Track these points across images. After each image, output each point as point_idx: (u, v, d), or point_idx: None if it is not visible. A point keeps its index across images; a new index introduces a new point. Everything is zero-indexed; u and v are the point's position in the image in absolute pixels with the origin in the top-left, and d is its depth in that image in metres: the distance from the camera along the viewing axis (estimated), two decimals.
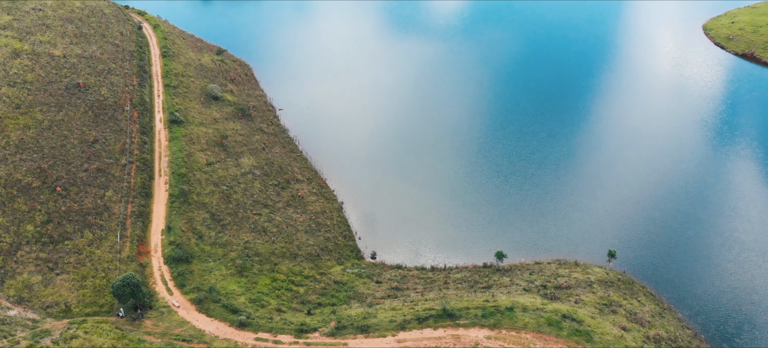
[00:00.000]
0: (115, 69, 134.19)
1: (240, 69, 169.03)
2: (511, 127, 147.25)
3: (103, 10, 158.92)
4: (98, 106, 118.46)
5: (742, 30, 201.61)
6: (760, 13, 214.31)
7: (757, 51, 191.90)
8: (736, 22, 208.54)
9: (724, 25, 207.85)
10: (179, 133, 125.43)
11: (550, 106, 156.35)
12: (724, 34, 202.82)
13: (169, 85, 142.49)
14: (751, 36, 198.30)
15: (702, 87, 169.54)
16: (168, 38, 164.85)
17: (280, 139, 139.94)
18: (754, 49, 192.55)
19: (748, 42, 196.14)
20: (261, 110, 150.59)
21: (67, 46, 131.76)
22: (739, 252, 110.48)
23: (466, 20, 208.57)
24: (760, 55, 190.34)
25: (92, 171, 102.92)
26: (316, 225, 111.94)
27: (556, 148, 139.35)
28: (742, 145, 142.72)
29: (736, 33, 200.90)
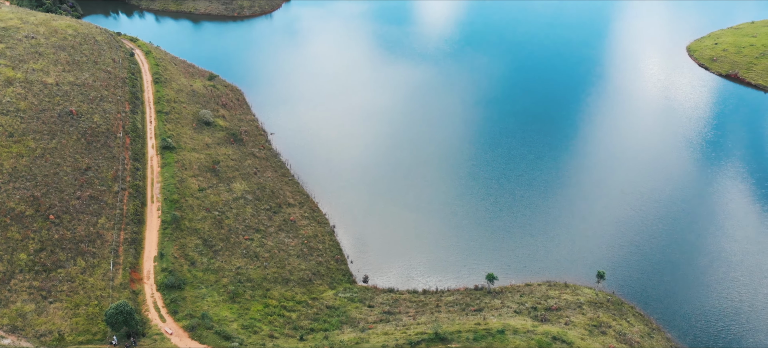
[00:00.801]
0: (107, 96, 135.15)
1: (232, 94, 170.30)
2: (499, 149, 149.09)
3: (95, 38, 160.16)
4: (91, 133, 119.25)
5: (726, 51, 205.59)
6: (743, 35, 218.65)
7: (741, 72, 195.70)
8: (719, 43, 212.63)
9: (708, 47, 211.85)
10: (171, 159, 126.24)
11: (537, 128, 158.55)
12: (707, 55, 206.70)
13: (162, 111, 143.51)
14: (734, 57, 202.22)
15: (687, 108, 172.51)
16: (160, 64, 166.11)
17: (272, 164, 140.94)
18: (738, 70, 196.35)
19: (732, 63, 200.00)
20: (253, 135, 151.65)
21: (60, 74, 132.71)
22: (726, 272, 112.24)
23: (455, 44, 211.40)
24: (744, 75, 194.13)
25: (85, 198, 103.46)
26: (308, 249, 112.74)
27: (544, 170, 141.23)
28: (728, 166, 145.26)
29: (719, 54, 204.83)
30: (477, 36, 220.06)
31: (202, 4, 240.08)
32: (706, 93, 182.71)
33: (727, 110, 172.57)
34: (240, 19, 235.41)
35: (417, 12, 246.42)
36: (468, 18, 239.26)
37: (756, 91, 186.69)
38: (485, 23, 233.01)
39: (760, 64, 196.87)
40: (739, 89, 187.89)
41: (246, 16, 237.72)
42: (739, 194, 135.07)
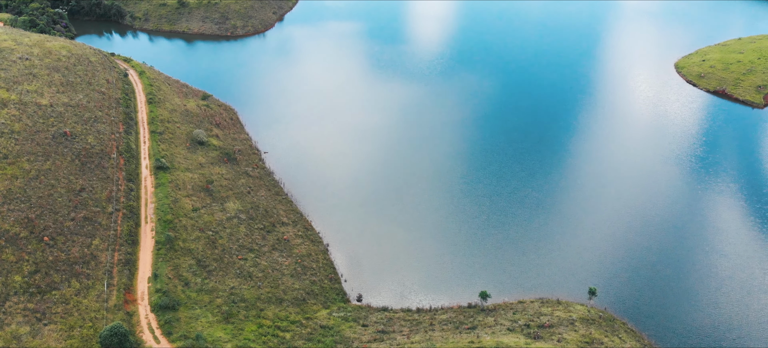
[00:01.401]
0: (101, 117, 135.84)
1: (225, 113, 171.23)
2: (491, 167, 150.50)
3: (89, 58, 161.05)
4: (85, 154, 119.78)
5: (713, 68, 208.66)
6: (730, 51, 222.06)
7: (728, 88, 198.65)
8: (706, 60, 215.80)
9: (696, 63, 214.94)
10: (165, 179, 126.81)
11: (528, 146, 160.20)
12: (695, 71, 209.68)
13: (155, 131, 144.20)
14: (722, 73, 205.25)
15: (676, 124, 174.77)
16: (154, 84, 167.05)
17: (266, 182, 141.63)
18: (725, 86, 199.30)
19: (719, 79, 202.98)
20: (246, 154, 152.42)
21: (54, 95, 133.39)
22: (717, 287, 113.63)
23: (446, 63, 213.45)
24: (731, 91, 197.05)
25: (79, 220, 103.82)
26: (302, 268, 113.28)
27: (536, 187, 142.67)
28: (717, 181, 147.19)
29: (707, 71, 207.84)
30: (468, 54, 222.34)
31: (196, 24, 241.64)
32: (695, 109, 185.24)
33: (716, 126, 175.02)
34: (233, 39, 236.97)
35: (408, 31, 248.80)
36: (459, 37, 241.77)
37: (744, 107, 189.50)
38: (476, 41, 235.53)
39: (747, 80, 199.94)
40: (727, 105, 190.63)
41: (239, 35, 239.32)
42: (729, 210, 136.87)
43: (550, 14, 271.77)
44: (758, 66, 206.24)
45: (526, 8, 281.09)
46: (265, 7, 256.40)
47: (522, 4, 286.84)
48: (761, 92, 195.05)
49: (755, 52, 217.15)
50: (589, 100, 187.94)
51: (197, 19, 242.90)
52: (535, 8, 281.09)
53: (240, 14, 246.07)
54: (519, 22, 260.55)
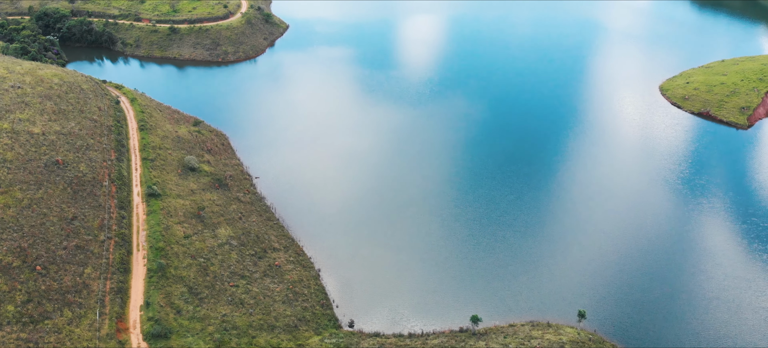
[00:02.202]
0: (93, 144, 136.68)
1: (216, 139, 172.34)
2: (480, 190, 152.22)
3: (81, 86, 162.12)
4: (77, 182, 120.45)
5: (697, 90, 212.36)
6: (714, 73, 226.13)
7: (712, 109, 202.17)
8: (690, 82, 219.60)
9: (680, 86, 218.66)
10: (157, 206, 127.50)
11: (516, 169, 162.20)
12: (680, 94, 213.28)
13: (147, 158, 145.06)
14: (706, 95, 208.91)
15: (662, 146, 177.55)
16: (145, 111, 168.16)
17: (257, 208, 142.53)
18: (709, 108, 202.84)
19: (703, 101, 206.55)
20: (237, 179, 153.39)
21: (46, 123, 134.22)
22: (704, 308, 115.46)
23: (435, 87, 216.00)
24: (716, 113, 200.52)
25: (71, 248, 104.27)
26: (294, 294, 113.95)
27: (524, 210, 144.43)
28: (704, 203, 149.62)
29: (691, 93, 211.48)
30: (456, 79, 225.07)
31: (187, 50, 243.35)
32: (680, 131, 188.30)
33: (702, 148, 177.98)
34: (224, 65, 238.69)
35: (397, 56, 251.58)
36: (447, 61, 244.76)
37: (728, 128, 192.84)
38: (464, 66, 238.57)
39: (730, 102, 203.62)
40: (712, 127, 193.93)
41: (230, 61, 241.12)
42: (715, 231, 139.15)
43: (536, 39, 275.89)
44: (741, 88, 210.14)
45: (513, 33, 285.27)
46: (256, 33, 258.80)
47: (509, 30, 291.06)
48: (745, 113, 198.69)
49: (738, 73, 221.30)
50: (576, 123, 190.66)
51: (188, 45, 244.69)
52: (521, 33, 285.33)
53: (231, 40, 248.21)
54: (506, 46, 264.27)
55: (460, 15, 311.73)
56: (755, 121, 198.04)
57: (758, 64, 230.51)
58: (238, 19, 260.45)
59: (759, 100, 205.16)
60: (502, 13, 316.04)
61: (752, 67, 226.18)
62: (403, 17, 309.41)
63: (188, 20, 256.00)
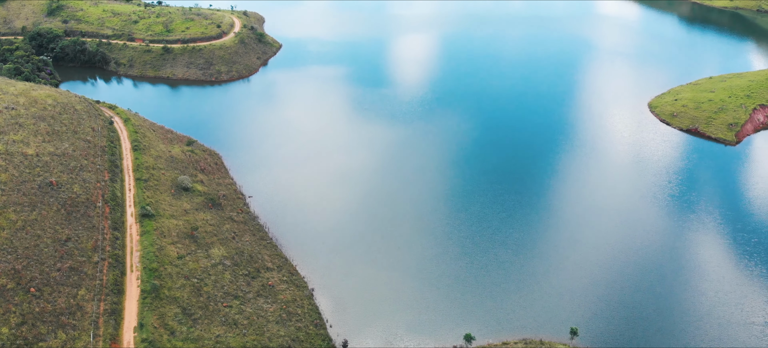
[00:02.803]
0: (87, 165, 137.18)
1: (210, 158, 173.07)
2: (472, 208, 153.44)
3: (74, 106, 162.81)
4: (71, 203, 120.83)
5: (685, 107, 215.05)
6: (701, 90, 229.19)
7: (701, 126, 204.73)
8: (679, 99, 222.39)
9: (668, 103, 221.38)
10: (150, 226, 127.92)
11: (508, 186, 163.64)
12: (668, 111, 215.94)
13: (140, 178, 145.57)
14: (694, 112, 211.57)
15: (652, 163, 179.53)
16: (139, 131, 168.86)
17: (250, 227, 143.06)
18: (698, 125, 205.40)
19: (692, 118, 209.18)
20: (231, 199, 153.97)
21: (40, 145, 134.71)
22: (696, 325, 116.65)
23: (427, 105, 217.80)
24: (704, 129, 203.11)
25: (65, 270, 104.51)
26: (287, 314, 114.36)
27: (516, 227, 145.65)
28: (694, 219, 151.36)
29: (679, 110, 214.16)
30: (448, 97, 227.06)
31: (180, 70, 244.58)
32: (669, 148, 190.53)
33: (691, 164, 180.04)
34: (217, 84, 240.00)
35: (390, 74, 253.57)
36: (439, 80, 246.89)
37: (717, 144, 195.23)
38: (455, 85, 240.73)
39: (718, 119, 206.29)
40: (701, 143, 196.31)
41: (223, 80, 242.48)
42: (706, 247, 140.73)
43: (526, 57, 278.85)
44: (729, 104, 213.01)
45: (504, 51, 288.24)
46: (249, 53, 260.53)
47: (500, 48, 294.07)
48: (733, 130, 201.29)
49: (726, 90, 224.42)
50: (567, 141, 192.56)
51: (182, 65, 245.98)
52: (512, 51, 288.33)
53: (224, 60, 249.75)
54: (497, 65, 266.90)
55: (451, 34, 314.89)
56: (743, 138, 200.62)
57: (745, 80, 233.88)
58: (232, 39, 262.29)
59: (746, 116, 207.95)
60: (492, 31, 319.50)
61: (739, 84, 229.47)
62: (395, 36, 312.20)
63: (182, 40, 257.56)
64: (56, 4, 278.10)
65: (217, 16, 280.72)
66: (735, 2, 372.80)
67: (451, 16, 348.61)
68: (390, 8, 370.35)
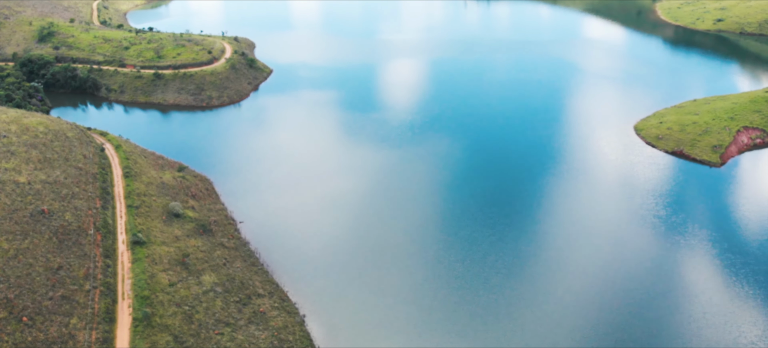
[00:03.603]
0: (78, 193, 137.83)
1: (201, 184, 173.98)
2: (463, 232, 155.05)
3: (66, 134, 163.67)
4: (62, 231, 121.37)
5: (670, 129, 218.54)
6: (686, 113, 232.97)
7: (686, 148, 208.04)
8: (664, 121, 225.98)
9: (654, 125, 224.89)
10: (142, 254, 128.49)
11: (497, 210, 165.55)
12: (654, 133, 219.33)
13: (132, 205, 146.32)
14: (679, 134, 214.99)
15: (639, 185, 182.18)
16: (130, 158, 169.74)
17: (241, 253, 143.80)
18: (683, 147, 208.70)
19: (677, 140, 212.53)
20: (222, 224, 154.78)
21: (32, 173, 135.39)
22: None
23: (417, 129, 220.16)
24: (689, 152, 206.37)
25: (57, 298, 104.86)
26: (279, 341, 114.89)
27: (506, 251, 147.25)
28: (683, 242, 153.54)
29: (664, 132, 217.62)
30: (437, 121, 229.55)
31: (171, 96, 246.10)
32: (656, 170, 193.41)
33: (677, 186, 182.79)
34: (209, 109, 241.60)
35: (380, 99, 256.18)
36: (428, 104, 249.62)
37: (702, 166, 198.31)
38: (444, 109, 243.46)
39: (703, 141, 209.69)
40: (687, 165, 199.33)
41: (215, 105, 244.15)
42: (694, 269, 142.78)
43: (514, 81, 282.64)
44: (713, 126, 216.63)
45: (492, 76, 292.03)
46: (240, 78, 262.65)
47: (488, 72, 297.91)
48: (717, 152, 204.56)
49: (709, 113, 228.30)
50: (555, 164, 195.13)
51: (173, 91, 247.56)
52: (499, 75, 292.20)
53: (215, 85, 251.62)
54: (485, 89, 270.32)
55: (439, 59, 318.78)
56: (728, 159, 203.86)
57: (729, 103, 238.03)
58: (223, 65, 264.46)
59: (730, 138, 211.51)
60: (480, 56, 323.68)
61: (723, 107, 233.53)
62: (385, 61, 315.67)
63: (173, 66, 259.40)
64: (47, 31, 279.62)
65: (208, 42, 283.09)
66: (718, 25, 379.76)
67: (438, 41, 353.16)
68: (379, 34, 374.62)
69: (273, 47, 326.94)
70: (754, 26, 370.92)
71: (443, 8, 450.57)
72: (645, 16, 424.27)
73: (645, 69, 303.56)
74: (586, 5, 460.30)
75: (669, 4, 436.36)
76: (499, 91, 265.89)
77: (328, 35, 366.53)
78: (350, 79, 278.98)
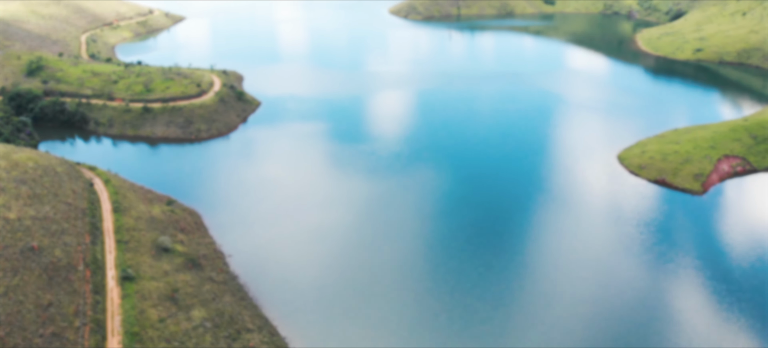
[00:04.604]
0: (68, 228, 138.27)
1: (190, 218, 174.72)
2: (451, 263, 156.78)
3: (55, 169, 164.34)
4: (52, 268, 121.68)
5: (653, 158, 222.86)
6: (667, 142, 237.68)
7: (668, 177, 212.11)
8: (646, 151, 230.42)
9: (636, 155, 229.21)
10: (131, 289, 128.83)
11: (484, 240, 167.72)
12: (636, 163, 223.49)
13: (121, 240, 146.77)
14: (661, 163, 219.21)
15: (624, 214, 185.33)
16: (119, 192, 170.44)
17: (230, 287, 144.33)
18: (665, 176, 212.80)
19: (659, 169, 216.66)
20: (211, 258, 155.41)
21: (22, 209, 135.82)
22: None
23: (404, 160, 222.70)
24: (671, 180, 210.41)
25: (47, 336, 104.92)
26: None
27: (494, 281, 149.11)
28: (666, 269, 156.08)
29: (647, 162, 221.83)
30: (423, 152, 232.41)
31: (160, 129, 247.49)
32: (640, 199, 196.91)
33: (660, 215, 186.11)
34: (197, 141, 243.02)
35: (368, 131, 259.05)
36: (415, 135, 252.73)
37: (684, 195, 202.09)
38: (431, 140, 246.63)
39: (685, 170, 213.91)
40: (670, 193, 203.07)
41: (203, 138, 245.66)
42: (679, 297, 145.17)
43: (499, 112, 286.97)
44: (694, 155, 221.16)
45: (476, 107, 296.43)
46: (228, 111, 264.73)
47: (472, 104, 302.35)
48: (699, 180, 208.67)
49: (690, 142, 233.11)
50: (541, 194, 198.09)
51: (162, 124, 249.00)
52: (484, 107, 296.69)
53: (204, 118, 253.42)
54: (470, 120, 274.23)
55: (426, 90, 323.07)
56: (709, 187, 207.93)
57: (709, 132, 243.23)
58: (212, 97, 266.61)
59: (712, 166, 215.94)
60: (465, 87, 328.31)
61: (703, 136, 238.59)
62: (372, 93, 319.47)
63: (161, 99, 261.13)
64: (36, 65, 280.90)
65: (197, 75, 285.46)
66: (697, 55, 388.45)
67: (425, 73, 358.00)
68: (366, 66, 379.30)
69: (261, 80, 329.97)
70: (733, 55, 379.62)
71: (429, 39, 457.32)
72: (626, 46, 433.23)
73: (627, 99, 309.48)
74: (568, 36, 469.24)
75: (649, 34, 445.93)
76: (485, 121, 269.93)
77: (316, 67, 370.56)
78: (338, 111, 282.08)
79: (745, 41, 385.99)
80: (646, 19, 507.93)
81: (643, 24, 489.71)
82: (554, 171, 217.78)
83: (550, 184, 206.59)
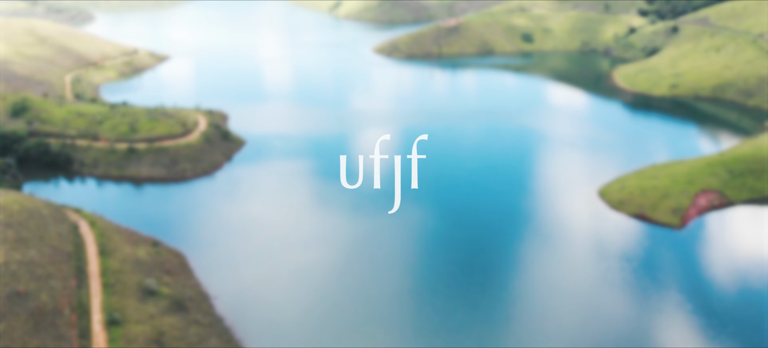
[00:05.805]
0: (54, 272, 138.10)
1: (175, 259, 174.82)
2: (438, 301, 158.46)
3: (40, 211, 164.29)
4: (38, 313, 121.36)
5: (632, 194, 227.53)
6: (646, 177, 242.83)
7: (647, 212, 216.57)
8: (625, 186, 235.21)
9: (616, 190, 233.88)
10: (117, 334, 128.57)
11: (471, 278, 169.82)
12: (616, 198, 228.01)
13: (107, 283, 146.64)
14: (640, 199, 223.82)
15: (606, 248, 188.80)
16: (104, 235, 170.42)
17: (216, 330, 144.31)
18: (644, 211, 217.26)
19: (638, 204, 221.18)
20: (196, 301, 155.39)
21: (8, 253, 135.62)
22: None
23: (389, 197, 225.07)
24: (650, 215, 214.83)
25: None
26: None
27: (480, 320, 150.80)
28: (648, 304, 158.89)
29: (626, 197, 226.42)
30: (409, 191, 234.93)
31: (145, 169, 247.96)
32: (620, 234, 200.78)
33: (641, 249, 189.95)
34: (182, 181, 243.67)
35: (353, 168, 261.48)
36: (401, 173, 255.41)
37: (664, 229, 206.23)
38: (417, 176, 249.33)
39: (663, 204, 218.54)
40: (649, 228, 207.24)
41: (188, 177, 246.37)
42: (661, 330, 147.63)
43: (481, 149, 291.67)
44: (672, 190, 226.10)
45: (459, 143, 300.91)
46: (214, 150, 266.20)
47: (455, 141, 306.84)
48: (678, 214, 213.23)
49: (668, 177, 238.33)
50: (524, 231, 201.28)
51: (147, 164, 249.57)
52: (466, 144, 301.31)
53: (189, 158, 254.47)
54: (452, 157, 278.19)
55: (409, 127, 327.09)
56: (688, 221, 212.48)
57: (687, 167, 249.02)
58: (197, 137, 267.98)
59: (689, 201, 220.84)
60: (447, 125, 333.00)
61: (681, 171, 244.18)
62: (357, 130, 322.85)
63: (147, 139, 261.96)
64: (21, 106, 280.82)
65: (182, 115, 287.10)
66: (674, 90, 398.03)
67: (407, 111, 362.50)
68: (350, 104, 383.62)
69: (246, 118, 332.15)
70: (708, 90, 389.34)
71: (412, 77, 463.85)
72: (604, 82, 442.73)
73: (607, 135, 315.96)
74: (548, 73, 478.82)
75: (626, 70, 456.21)
76: (468, 158, 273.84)
77: (301, 106, 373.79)
78: (323, 149, 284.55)
79: (719, 77, 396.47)
80: (623, 55, 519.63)
81: (620, 60, 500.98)
82: (537, 207, 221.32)
83: (533, 220, 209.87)
